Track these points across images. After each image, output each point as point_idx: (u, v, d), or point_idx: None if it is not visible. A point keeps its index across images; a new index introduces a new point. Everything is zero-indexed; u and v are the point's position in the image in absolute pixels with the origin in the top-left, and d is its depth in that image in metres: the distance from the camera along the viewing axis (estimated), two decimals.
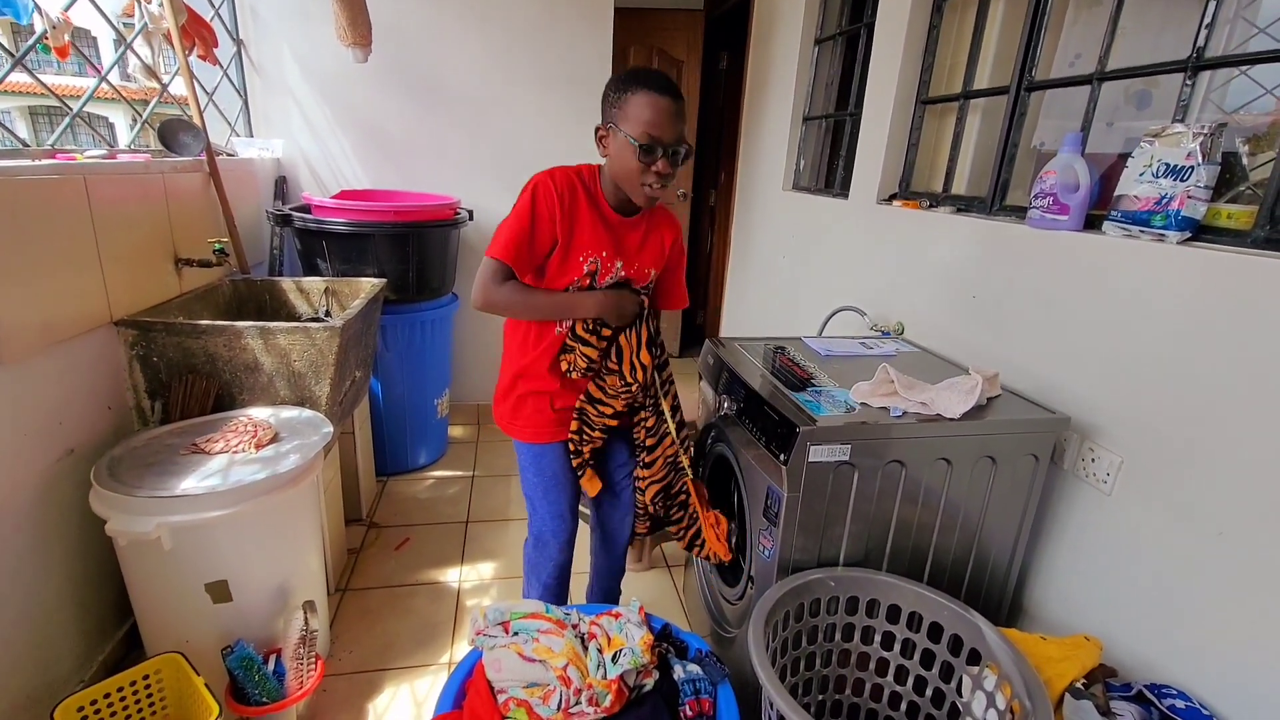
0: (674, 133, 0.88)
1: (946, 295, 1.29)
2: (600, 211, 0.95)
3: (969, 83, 1.37)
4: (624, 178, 0.91)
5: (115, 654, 1.18)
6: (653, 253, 1.01)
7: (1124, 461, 0.90)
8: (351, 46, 1.80)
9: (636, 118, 0.86)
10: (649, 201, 0.93)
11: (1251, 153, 0.89)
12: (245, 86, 2.06)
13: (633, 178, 0.90)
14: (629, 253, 0.98)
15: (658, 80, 0.87)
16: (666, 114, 0.86)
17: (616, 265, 0.97)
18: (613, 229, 0.96)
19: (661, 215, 1.03)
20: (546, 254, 0.93)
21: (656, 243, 1.02)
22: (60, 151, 1.26)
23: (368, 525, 1.70)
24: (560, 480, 1.07)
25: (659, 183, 0.90)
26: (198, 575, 1.00)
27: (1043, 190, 1.04)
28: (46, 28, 1.27)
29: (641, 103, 0.86)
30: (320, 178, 2.17)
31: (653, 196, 0.92)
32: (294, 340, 1.25)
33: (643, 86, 0.86)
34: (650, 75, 0.88)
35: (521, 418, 1.04)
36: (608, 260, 0.96)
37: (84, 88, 1.46)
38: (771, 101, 2.24)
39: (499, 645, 0.83)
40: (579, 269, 0.94)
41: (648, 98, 0.86)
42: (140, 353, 1.22)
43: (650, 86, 0.86)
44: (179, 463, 1.05)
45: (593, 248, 0.94)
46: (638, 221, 0.99)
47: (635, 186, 0.91)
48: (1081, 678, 0.80)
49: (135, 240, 1.27)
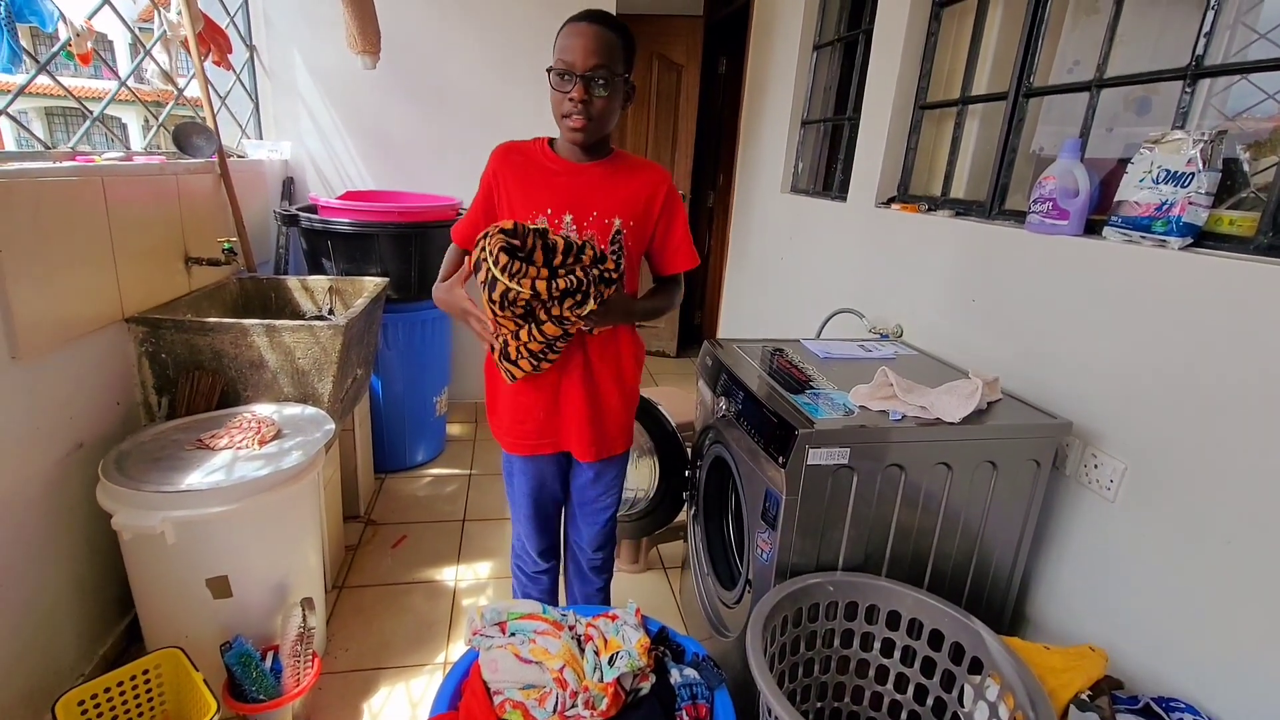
0: (589, 59, 0.83)
1: (945, 299, 1.29)
2: (544, 164, 0.93)
3: (967, 88, 1.37)
4: (555, 117, 0.89)
5: (116, 648, 1.19)
6: (619, 201, 0.93)
7: (1128, 468, 0.90)
8: (361, 54, 1.84)
9: (557, 49, 0.86)
10: (573, 135, 0.88)
11: (1254, 159, 0.88)
12: (256, 90, 2.11)
13: (555, 112, 0.88)
14: (582, 202, 0.91)
15: (585, 14, 0.86)
16: (582, 38, 0.84)
17: (565, 218, 0.91)
18: (558, 176, 0.92)
19: (640, 165, 0.96)
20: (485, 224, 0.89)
21: (626, 191, 0.93)
22: (79, 153, 1.29)
23: (365, 522, 1.71)
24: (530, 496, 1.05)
25: (576, 111, 0.85)
26: (200, 570, 1.01)
27: (1042, 195, 1.04)
28: (70, 35, 1.30)
29: (562, 34, 0.86)
30: (326, 179, 2.21)
31: (574, 129, 0.87)
32: (298, 338, 1.26)
33: (569, 21, 0.86)
34: (582, 12, 0.87)
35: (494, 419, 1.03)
36: (554, 216, 0.91)
37: (99, 89, 1.50)
38: (770, 106, 2.25)
39: (495, 646, 0.83)
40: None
41: (568, 27, 0.86)
42: (149, 349, 1.24)
43: (574, 19, 0.86)
44: (184, 458, 1.06)
45: (538, 204, 0.91)
46: (592, 168, 0.92)
47: (559, 120, 0.88)
48: (1086, 689, 0.78)
49: (148, 240, 1.30)
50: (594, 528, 1.10)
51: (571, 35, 0.85)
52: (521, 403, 0.98)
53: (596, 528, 1.10)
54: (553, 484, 1.07)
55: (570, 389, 0.97)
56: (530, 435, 0.99)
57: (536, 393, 0.97)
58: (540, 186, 0.92)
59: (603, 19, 0.86)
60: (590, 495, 1.07)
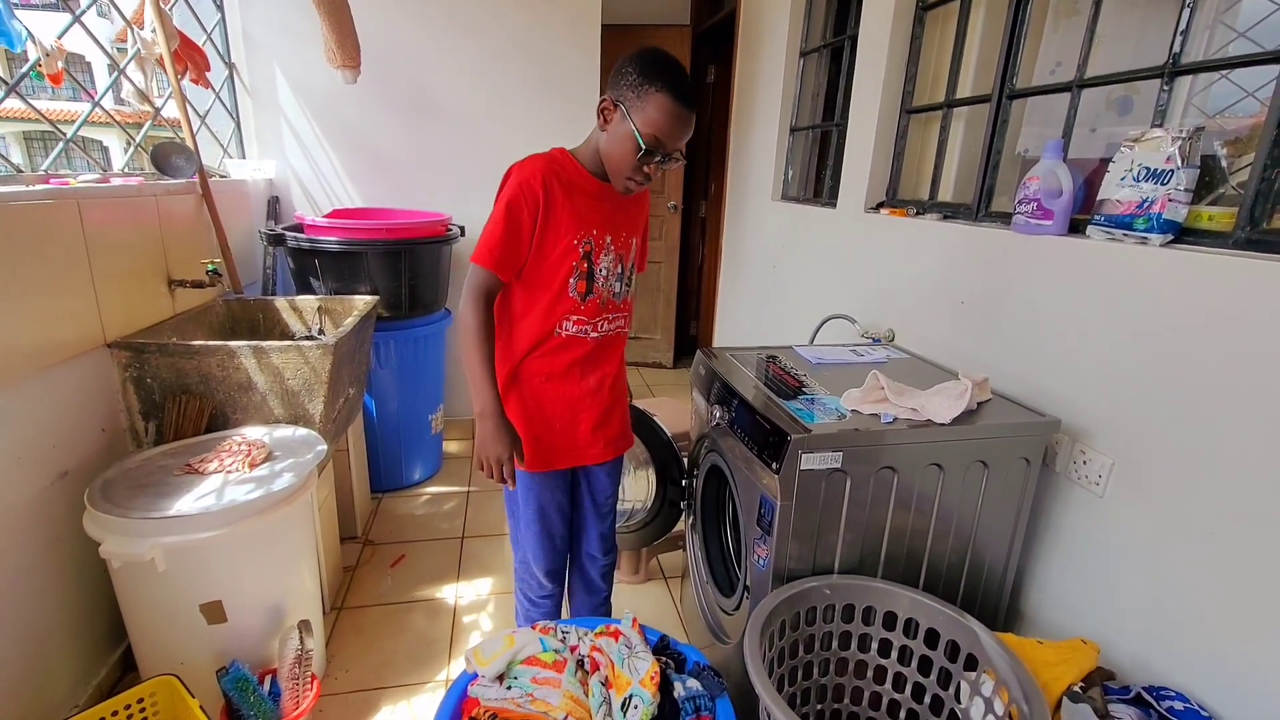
0: (680, 143, 0.87)
1: (935, 302, 1.30)
2: (582, 188, 0.92)
3: (952, 92, 1.39)
4: (613, 162, 0.89)
5: (110, 677, 1.17)
6: (632, 218, 0.99)
7: (1115, 464, 0.91)
8: (341, 69, 1.82)
9: (652, 119, 0.83)
10: (625, 192, 0.92)
11: (1232, 156, 0.90)
12: (237, 108, 2.08)
13: (622, 169, 0.88)
14: (616, 224, 0.95)
15: (683, 87, 0.84)
16: (683, 125, 0.85)
17: (606, 240, 0.94)
18: (597, 199, 0.93)
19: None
20: (529, 249, 0.91)
21: (636, 210, 1.00)
22: (54, 176, 1.27)
23: (363, 543, 1.69)
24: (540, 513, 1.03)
25: (645, 181, 0.89)
26: (192, 596, 1.00)
27: (1026, 196, 1.05)
28: (40, 55, 1.28)
29: (663, 106, 0.83)
30: (312, 197, 2.19)
31: (634, 189, 0.91)
32: (287, 359, 1.25)
33: (669, 90, 0.82)
34: (678, 79, 0.84)
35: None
36: (599, 237, 0.93)
37: (79, 113, 1.47)
38: (759, 113, 2.26)
39: (493, 702, 0.82)
40: (575, 253, 0.92)
41: (671, 105, 0.83)
42: (134, 374, 1.22)
43: (676, 94, 0.83)
44: (173, 483, 1.05)
45: (583, 228, 0.92)
46: (613, 188, 0.95)
47: (620, 176, 0.89)
48: (1079, 681, 0.80)
49: (128, 263, 1.28)
50: (604, 524, 1.12)
51: (676, 118, 0.83)
52: (541, 417, 0.99)
53: (607, 525, 1.12)
54: (563, 499, 1.06)
55: (587, 397, 1.00)
56: (547, 450, 1.00)
57: (555, 406, 0.98)
58: (588, 209, 0.92)
59: (695, 101, 0.86)
60: (602, 496, 1.09)
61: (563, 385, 0.98)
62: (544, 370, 0.97)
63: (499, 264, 0.90)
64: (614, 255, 0.96)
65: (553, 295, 0.93)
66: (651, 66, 0.84)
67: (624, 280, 0.99)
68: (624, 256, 0.98)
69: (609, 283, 0.96)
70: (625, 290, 1.00)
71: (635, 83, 0.84)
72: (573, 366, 0.97)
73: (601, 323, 0.97)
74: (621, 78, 0.86)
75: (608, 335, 0.99)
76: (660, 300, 3.26)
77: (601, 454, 1.03)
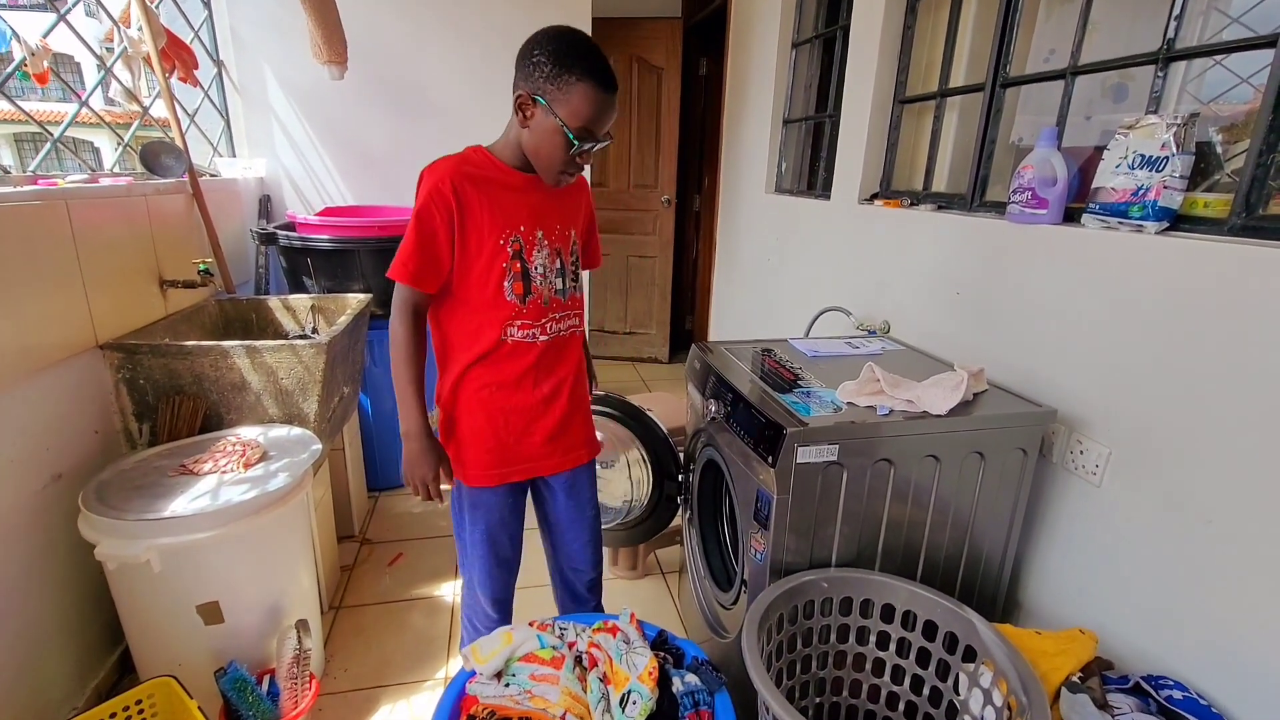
0: (608, 125, 0.83)
1: (930, 293, 1.29)
2: (501, 183, 0.87)
3: (945, 81, 1.38)
4: (542, 158, 0.84)
5: (108, 679, 1.17)
6: (570, 211, 0.94)
7: (1112, 453, 0.90)
8: (327, 64, 1.81)
9: (578, 109, 0.79)
10: (558, 185, 0.88)
11: (1228, 142, 0.89)
12: (227, 107, 2.07)
13: (554, 164, 0.84)
14: (546, 217, 0.90)
15: (604, 70, 0.80)
16: (609, 109, 0.82)
17: (537, 235, 0.89)
18: (521, 192, 0.88)
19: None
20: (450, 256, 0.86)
21: (571, 200, 0.94)
22: (42, 177, 1.26)
23: (360, 542, 1.69)
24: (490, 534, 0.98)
25: (578, 171, 0.87)
26: (189, 597, 1.00)
27: (1021, 185, 1.04)
28: (25, 55, 1.27)
29: (588, 94, 0.79)
30: (304, 195, 2.18)
31: (566, 180, 0.87)
32: (280, 358, 1.24)
33: (592, 78, 0.79)
34: (598, 62, 0.80)
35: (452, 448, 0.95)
36: (528, 233, 0.88)
37: (68, 113, 1.46)
38: (752, 106, 2.25)
39: (491, 699, 0.82)
40: (503, 253, 0.87)
41: (595, 93, 0.79)
42: (127, 376, 1.21)
43: (599, 80, 0.79)
44: (167, 484, 1.05)
45: (508, 225, 0.86)
46: (540, 179, 0.90)
47: (552, 172, 0.85)
48: (1078, 671, 0.79)
49: (119, 263, 1.27)
50: (585, 535, 1.06)
51: (601, 105, 0.80)
52: (490, 430, 0.93)
53: (588, 536, 1.06)
54: (515, 523, 1.01)
55: (540, 405, 0.95)
56: (500, 463, 0.94)
57: (506, 417, 0.94)
58: (512, 204, 0.87)
59: (616, 81, 0.82)
60: (576, 507, 1.04)
61: (515, 395, 0.92)
62: (494, 380, 0.92)
63: (416, 277, 0.85)
64: (549, 250, 0.90)
65: (489, 301, 0.88)
66: (567, 54, 0.79)
67: (567, 276, 0.93)
68: (562, 251, 0.92)
69: (549, 280, 0.91)
70: (572, 287, 0.94)
71: (553, 74, 0.79)
72: (525, 375, 0.92)
73: (549, 324, 0.92)
74: (535, 69, 0.80)
75: (558, 337, 0.94)
76: (655, 295, 3.25)
77: (560, 464, 0.98)
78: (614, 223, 3.13)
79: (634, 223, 3.16)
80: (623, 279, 3.24)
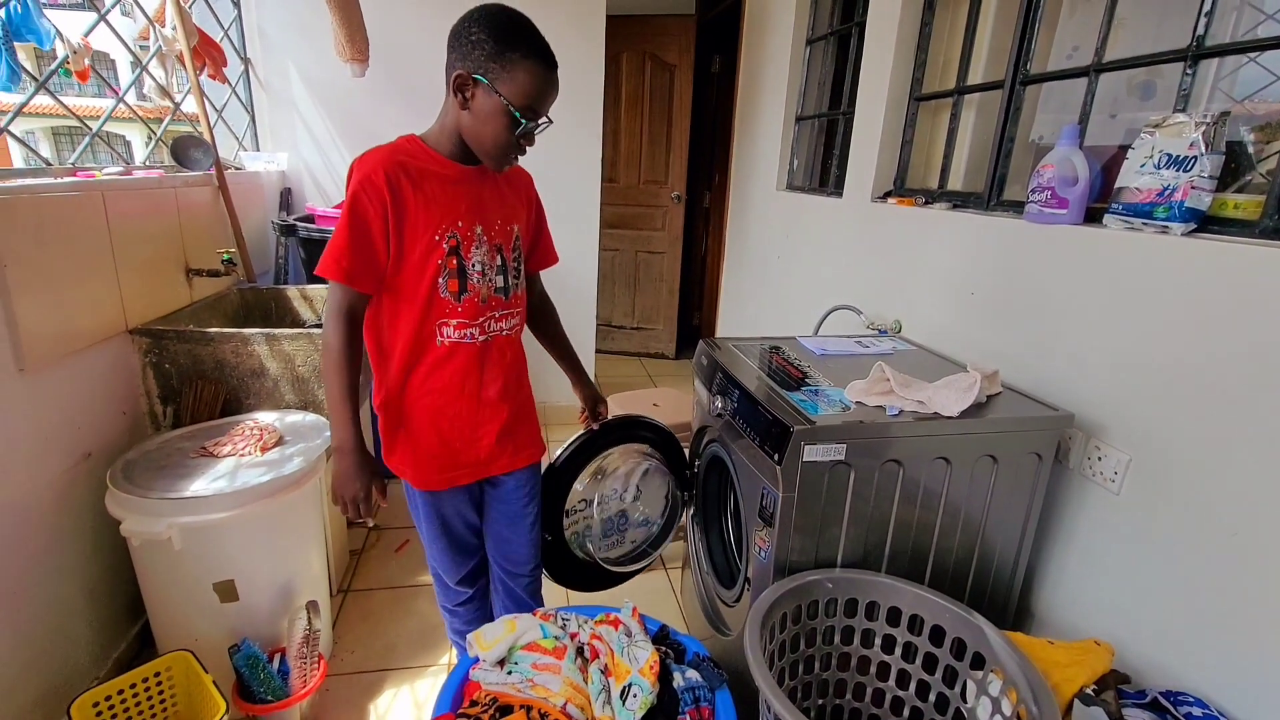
0: (551, 104, 0.81)
1: (944, 292, 1.27)
2: (437, 174, 0.82)
3: (963, 78, 1.35)
4: (485, 140, 0.80)
5: (129, 651, 1.22)
6: (512, 205, 0.90)
7: (1132, 460, 0.88)
8: (350, 62, 1.85)
9: (523, 87, 0.77)
10: (501, 170, 0.85)
11: (1261, 142, 0.86)
12: (252, 103, 2.13)
13: (499, 146, 0.80)
14: (485, 211, 0.86)
15: (545, 47, 0.79)
16: (553, 87, 0.80)
17: (475, 230, 0.85)
18: (458, 184, 0.84)
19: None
20: (386, 252, 0.81)
21: (512, 193, 0.91)
22: (81, 169, 1.32)
23: (369, 527, 1.73)
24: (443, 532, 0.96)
25: (522, 154, 0.84)
26: (206, 575, 1.03)
27: (1040, 184, 1.02)
28: (68, 53, 1.33)
29: (533, 71, 0.77)
30: (323, 188, 2.23)
31: (510, 165, 0.85)
32: (298, 346, 1.28)
33: (535, 55, 0.77)
34: (538, 39, 0.78)
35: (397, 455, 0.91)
36: (466, 228, 0.84)
37: (104, 108, 1.52)
38: (764, 103, 2.24)
39: (494, 686, 0.83)
40: (438, 249, 0.82)
41: (540, 69, 0.77)
42: (153, 360, 1.26)
43: (541, 56, 0.78)
44: (189, 465, 1.08)
45: (444, 219, 0.82)
46: (481, 170, 0.86)
47: (496, 155, 0.82)
48: (1092, 683, 0.77)
49: (149, 252, 1.32)
50: (525, 536, 1.02)
51: (545, 82, 0.78)
52: (435, 435, 0.90)
53: (529, 536, 1.02)
54: (469, 511, 0.99)
55: (487, 408, 0.92)
56: (446, 469, 0.92)
57: (450, 422, 0.90)
58: (449, 197, 0.83)
59: (555, 58, 0.80)
60: (518, 506, 1.00)
61: (460, 399, 0.89)
62: (435, 385, 0.88)
63: (350, 275, 0.79)
64: (488, 246, 0.86)
65: (424, 300, 0.83)
66: (509, 31, 0.77)
67: (509, 273, 0.89)
68: (503, 247, 0.88)
69: (488, 278, 0.87)
70: (514, 284, 0.90)
71: (494, 52, 0.76)
72: (467, 377, 0.88)
73: (487, 323, 0.88)
74: (474, 48, 0.77)
75: (497, 337, 0.90)
76: (663, 290, 3.25)
77: (511, 464, 0.96)
78: (624, 218, 3.14)
79: (644, 218, 3.17)
80: (632, 274, 3.25)
